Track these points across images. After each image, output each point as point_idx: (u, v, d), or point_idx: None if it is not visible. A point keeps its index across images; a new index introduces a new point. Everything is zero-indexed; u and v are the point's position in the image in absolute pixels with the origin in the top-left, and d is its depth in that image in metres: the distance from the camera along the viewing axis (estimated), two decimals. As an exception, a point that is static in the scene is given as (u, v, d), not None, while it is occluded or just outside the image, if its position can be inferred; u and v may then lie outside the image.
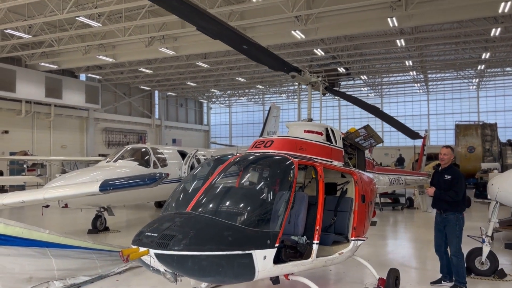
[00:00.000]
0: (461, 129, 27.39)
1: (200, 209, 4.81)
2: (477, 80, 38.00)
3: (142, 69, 30.61)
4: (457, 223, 6.47)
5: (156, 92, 42.16)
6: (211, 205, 4.93)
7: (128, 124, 38.73)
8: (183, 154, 15.11)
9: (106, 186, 7.46)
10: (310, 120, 7.07)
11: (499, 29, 21.05)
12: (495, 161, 24.89)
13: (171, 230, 4.40)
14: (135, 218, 15.73)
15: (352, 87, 40.99)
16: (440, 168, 6.93)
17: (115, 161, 13.03)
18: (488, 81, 39.15)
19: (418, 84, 40.03)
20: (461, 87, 40.94)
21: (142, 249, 4.33)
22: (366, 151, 8.50)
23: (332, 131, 7.00)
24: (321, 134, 6.77)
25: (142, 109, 40.74)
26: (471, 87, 40.45)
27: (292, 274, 5.53)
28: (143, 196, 12.97)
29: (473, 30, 22.61)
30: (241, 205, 5.03)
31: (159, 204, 17.89)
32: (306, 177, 6.89)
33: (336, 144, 6.94)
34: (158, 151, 14.40)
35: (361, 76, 35.82)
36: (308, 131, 6.68)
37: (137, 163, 13.15)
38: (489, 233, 7.14)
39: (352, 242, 6.37)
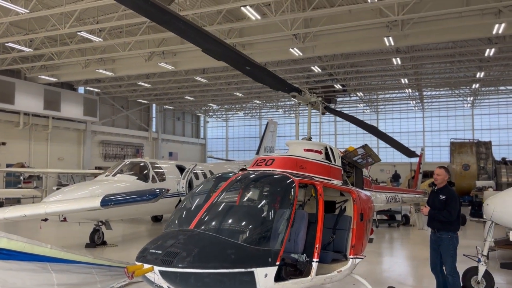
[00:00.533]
0: (456, 147, 27.68)
1: (203, 227, 4.91)
2: (471, 98, 38.48)
3: (140, 83, 30.82)
4: (451, 242, 6.60)
5: (154, 105, 42.34)
6: (214, 223, 5.03)
7: (125, 137, 38.80)
8: (181, 169, 15.20)
9: (108, 202, 7.55)
10: (310, 139, 7.23)
11: (493, 50, 21.49)
12: (489, 179, 25.13)
13: (175, 247, 4.49)
14: (132, 232, 15.72)
15: (348, 103, 41.38)
16: (435, 188, 7.09)
17: (113, 175, 13.11)
18: (482, 99, 39.66)
19: (414, 101, 40.47)
20: (456, 105, 41.41)
21: (146, 266, 4.42)
22: (364, 169, 8.67)
23: (331, 150, 7.15)
24: (320, 152, 6.92)
25: (140, 122, 40.87)
26: (466, 105, 40.92)
27: (292, 291, 5.61)
28: (141, 210, 13.01)
29: (468, 50, 23.04)
30: (243, 223, 5.14)
31: (155, 218, 17.91)
32: (306, 195, 7.02)
33: (335, 162, 7.08)
34: (157, 165, 14.50)
35: (357, 93, 36.21)
36: (308, 150, 6.82)
37: (136, 177, 13.24)
38: (485, 253, 7.27)
39: (351, 260, 6.47)
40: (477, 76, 27.59)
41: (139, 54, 23.24)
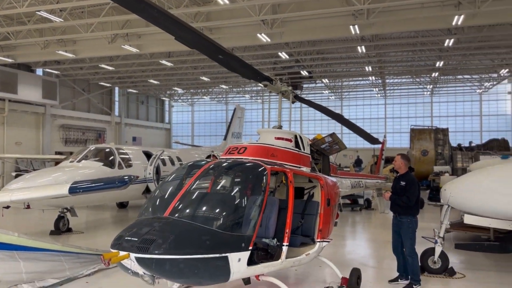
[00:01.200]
0: (416, 133, 28.74)
1: (177, 214, 5.00)
2: (431, 86, 39.91)
3: (103, 66, 29.93)
4: (410, 225, 7.00)
5: (117, 88, 41.25)
6: (188, 210, 5.13)
7: (87, 121, 37.70)
8: (148, 155, 15.07)
9: (76, 189, 7.46)
10: (280, 127, 7.39)
11: (452, 40, 22.32)
12: (446, 164, 26.36)
13: (151, 234, 4.57)
14: (98, 219, 15.51)
15: (314, 90, 41.92)
16: (398, 175, 7.47)
17: (78, 161, 12.85)
18: (441, 87, 41.20)
19: (376, 89, 41.51)
20: (417, 93, 42.82)
21: (122, 253, 4.47)
22: (330, 156, 8.96)
23: (301, 138, 7.36)
24: (290, 141, 7.11)
25: (102, 106, 39.77)
26: (425, 93, 42.41)
27: (263, 274, 5.82)
28: (107, 197, 12.86)
29: (429, 39, 23.83)
30: (217, 210, 5.26)
31: (121, 205, 17.71)
32: (277, 181, 7.21)
33: (304, 150, 7.30)
34: (123, 151, 14.30)
35: (323, 80, 36.73)
36: (279, 138, 7.00)
37: (102, 163, 13.03)
38: (441, 235, 7.75)
39: (318, 243, 6.76)
40: (437, 65, 28.60)
41: (102, 36, 22.52)
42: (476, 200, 7.11)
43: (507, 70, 30.96)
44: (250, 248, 5.11)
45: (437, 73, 32.38)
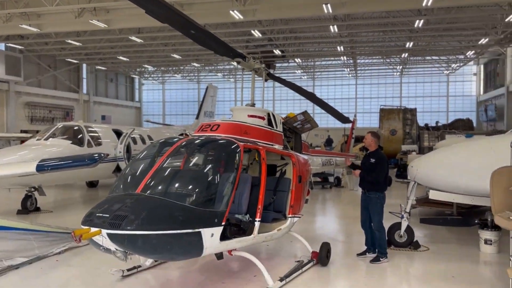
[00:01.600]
0: (385, 113, 29.41)
1: (149, 191, 4.99)
2: (400, 67, 40.64)
3: (70, 41, 28.88)
4: (378, 201, 7.23)
5: (84, 65, 40.00)
6: (161, 187, 5.12)
7: (54, 98, 36.50)
8: (118, 133, 14.81)
9: (44, 167, 7.29)
10: (253, 105, 7.41)
11: (422, 21, 22.68)
12: (413, 143, 27.20)
13: (122, 210, 4.55)
14: (67, 198, 15.23)
15: (287, 69, 41.92)
16: (367, 152, 7.65)
17: (46, 139, 12.50)
18: (410, 68, 42.03)
19: (348, 69, 41.94)
20: (387, 73, 43.55)
21: (93, 229, 4.45)
22: (302, 134, 9.08)
23: (274, 116, 7.41)
24: (263, 118, 7.15)
25: (69, 83, 38.54)
26: (395, 73, 43.18)
27: (235, 249, 5.92)
28: (77, 175, 12.62)
29: (399, 20, 24.12)
30: (190, 186, 5.28)
31: (91, 184, 17.43)
32: (250, 159, 7.26)
33: (277, 128, 7.37)
34: (92, 129, 14.00)
35: (295, 59, 36.75)
36: (252, 116, 7.02)
37: (70, 141, 12.73)
38: (407, 210, 8.04)
39: (289, 219, 6.91)
40: (407, 45, 29.05)
41: (68, 9, 21.65)
42: (441, 176, 7.39)
43: (473, 51, 31.83)
44: (223, 223, 5.17)
45: (406, 54, 32.94)
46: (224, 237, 5.37)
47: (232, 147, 5.73)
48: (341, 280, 6.25)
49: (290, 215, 6.94)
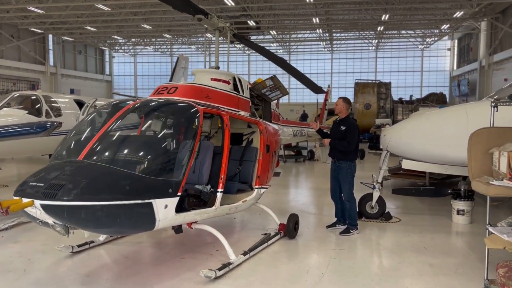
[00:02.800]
0: (360, 87, 29.23)
1: (94, 158, 4.44)
2: (376, 41, 40.36)
3: (31, 8, 27.19)
4: (349, 170, 6.87)
5: (50, 36, 38.04)
6: (107, 153, 4.57)
7: (18, 70, 34.70)
8: (80, 104, 13.96)
9: (-15, 135, 6.61)
10: (217, 68, 6.86)
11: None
12: (387, 117, 27.20)
13: (60, 179, 4.00)
14: (26, 173, 14.36)
15: (262, 42, 40.98)
16: (337, 119, 7.25)
17: (-1, 109, 11.58)
18: (385, 43, 41.81)
19: (324, 43, 41.39)
20: (362, 48, 43.24)
21: (25, 200, 3.89)
22: (273, 104, 8.59)
23: (240, 80, 6.89)
24: (228, 83, 6.62)
25: (34, 54, 36.66)
26: (370, 48, 42.92)
27: (196, 222, 5.48)
28: (34, 147, 11.79)
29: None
30: (141, 153, 4.75)
31: (55, 158, 16.57)
32: (212, 126, 6.76)
33: (243, 94, 6.86)
34: (52, 99, 13.09)
35: (271, 31, 35.90)
36: (215, 79, 6.48)
37: (26, 111, 11.81)
38: (379, 180, 7.75)
39: (256, 190, 6.50)
40: (382, 18, 28.62)
41: (27, -28, 20.21)
42: (414, 145, 7.09)
43: (448, 25, 31.73)
44: (179, 194, 4.69)
45: (382, 27, 32.57)
46: (181, 208, 4.91)
47: (190, 111, 5.19)
48: (309, 253, 5.92)
49: (257, 186, 6.53)
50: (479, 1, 24.72)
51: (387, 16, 28.04)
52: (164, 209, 4.54)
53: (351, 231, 6.83)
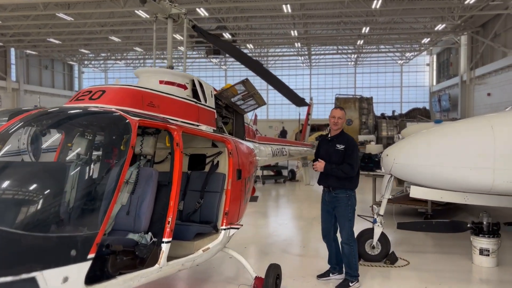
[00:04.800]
0: (341, 102, 27.99)
1: None
2: (355, 56, 39.58)
3: (-12, 18, 25.07)
4: (349, 202, 5.24)
5: (12, 49, 35.70)
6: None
7: (-24, 86, 32.27)
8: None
9: None
10: (171, 68, 5.18)
11: (379, 1, 21.10)
12: (370, 133, 25.95)
13: None
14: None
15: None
16: (329, 135, 5.59)
17: None
18: (364, 58, 41.10)
19: (302, 57, 40.37)
20: (341, 63, 42.45)
21: None
22: (247, 117, 6.93)
23: (201, 85, 5.21)
24: (184, 87, 4.94)
25: (-6, 69, 34.27)
26: (349, 63, 42.15)
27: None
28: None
29: (353, 11, 22.66)
30: (20, 193, 2.96)
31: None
32: (155, 145, 4.97)
33: (206, 103, 5.18)
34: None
35: (247, 45, 34.55)
36: (166, 82, 4.79)
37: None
38: (381, 212, 6.13)
39: (223, 232, 4.79)
40: (363, 31, 27.61)
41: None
42: (426, 167, 5.50)
43: (428, 39, 31.04)
44: (91, 256, 2.93)
45: (362, 41, 31.63)
46: (99, 276, 3.14)
47: (115, 123, 3.49)
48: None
49: (224, 227, 4.81)
50: (461, 13, 23.95)
51: (367, 29, 27.05)
52: (62, 284, 2.76)
53: (350, 284, 5.14)
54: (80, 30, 28.28)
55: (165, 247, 3.75)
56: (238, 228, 5.04)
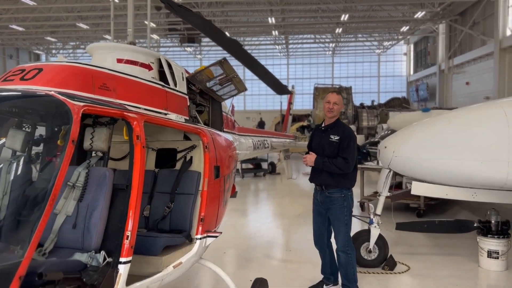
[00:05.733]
0: (320, 92, 27.33)
1: None
2: (333, 45, 39.03)
3: None
4: (345, 203, 4.48)
5: (-27, 37, 33.59)
6: None
7: None
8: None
9: None
10: (133, 44, 4.28)
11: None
12: (349, 123, 25.42)
13: None
14: None
15: (215, 46, 38.49)
16: (323, 124, 4.82)
17: None
18: (342, 47, 40.61)
19: (279, 47, 39.55)
20: (318, 52, 41.88)
21: None
22: (225, 105, 6.11)
23: (170, 66, 4.34)
24: (149, 67, 4.07)
25: (-47, 58, 32.13)
26: (327, 52, 41.61)
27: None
28: None
29: None
30: None
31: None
32: (108, 139, 4.03)
33: (176, 87, 4.32)
34: None
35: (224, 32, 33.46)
36: (127, 61, 3.91)
37: None
38: (379, 211, 5.44)
39: (198, 242, 3.98)
40: (342, 18, 26.96)
41: None
42: (431, 161, 4.81)
43: (407, 27, 30.70)
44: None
45: (340, 29, 31.02)
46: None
47: (50, 109, 2.62)
48: None
49: (199, 236, 4.00)
50: (440, 0, 23.59)
51: (347, 16, 26.41)
52: None
53: (348, 297, 4.41)
54: (45, 16, 26.63)
55: (123, 269, 2.92)
56: (216, 237, 4.22)
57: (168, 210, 4.04)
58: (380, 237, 5.42)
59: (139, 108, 3.56)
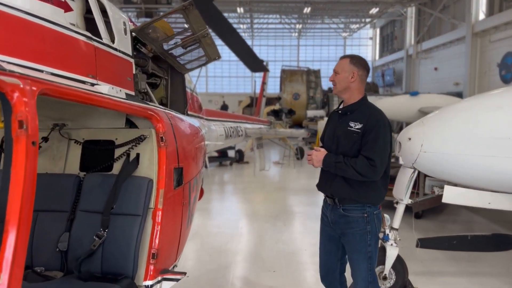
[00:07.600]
0: (287, 75, 26.15)
1: None
2: (299, 26, 37.70)
3: None
4: (369, 228, 2.97)
5: None
6: None
7: None
8: None
9: None
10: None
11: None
12: (317, 108, 24.34)
13: None
14: None
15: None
16: (340, 108, 3.28)
17: None
18: (309, 29, 39.36)
19: (244, 26, 37.71)
20: (284, 34, 40.45)
21: None
22: (189, 79, 4.53)
23: (104, 9, 2.71)
24: (66, 7, 2.42)
25: None
26: (293, 34, 40.26)
27: None
28: None
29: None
30: None
31: None
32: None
33: (114, 44, 2.71)
34: None
35: (184, 10, 31.22)
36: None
37: None
38: (396, 225, 4.07)
39: (149, 289, 2.46)
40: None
41: None
42: (481, 158, 3.48)
43: (377, 9, 29.74)
44: None
45: (308, 9, 29.60)
46: None
47: None
48: None
49: (150, 281, 2.50)
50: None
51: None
52: None
53: None
54: None
55: None
56: (177, 280, 2.69)
57: (99, 241, 2.48)
58: (398, 259, 4.07)
59: (40, 71, 1.96)
